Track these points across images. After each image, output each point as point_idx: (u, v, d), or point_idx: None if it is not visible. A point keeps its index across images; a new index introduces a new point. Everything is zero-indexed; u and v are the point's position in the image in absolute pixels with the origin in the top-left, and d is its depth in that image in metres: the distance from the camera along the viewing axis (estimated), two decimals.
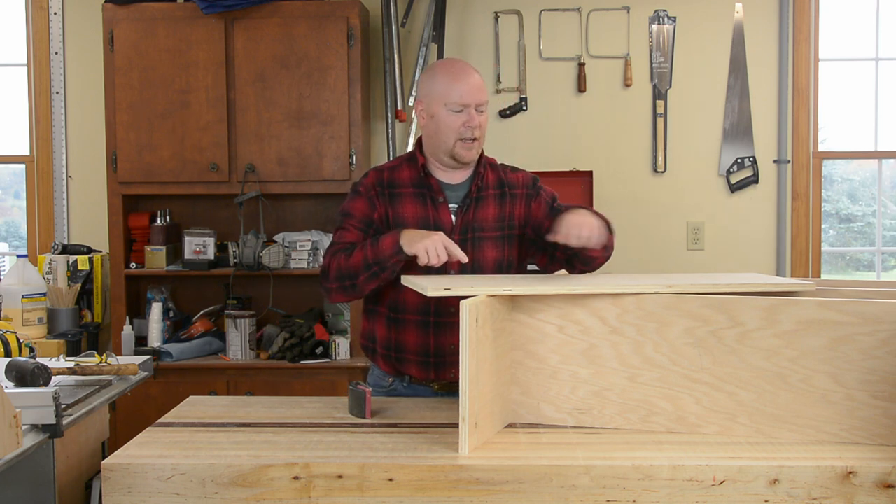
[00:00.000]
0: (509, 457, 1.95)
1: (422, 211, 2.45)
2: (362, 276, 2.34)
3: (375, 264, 2.31)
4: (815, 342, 2.00)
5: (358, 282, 2.36)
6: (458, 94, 2.40)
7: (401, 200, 2.46)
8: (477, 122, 2.41)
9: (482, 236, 2.46)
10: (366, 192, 2.49)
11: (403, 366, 2.50)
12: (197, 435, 2.13)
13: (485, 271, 2.45)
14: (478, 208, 2.47)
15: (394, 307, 2.46)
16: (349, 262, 2.36)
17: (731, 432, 2.07)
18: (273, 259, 3.94)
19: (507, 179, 2.52)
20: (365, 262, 2.32)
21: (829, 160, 4.38)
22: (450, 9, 4.24)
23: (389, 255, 2.29)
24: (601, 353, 2.13)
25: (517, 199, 2.51)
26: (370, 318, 2.55)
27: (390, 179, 2.50)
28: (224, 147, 3.92)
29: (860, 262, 4.62)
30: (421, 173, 2.48)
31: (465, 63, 2.51)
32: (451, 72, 2.45)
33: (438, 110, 2.42)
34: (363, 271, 2.33)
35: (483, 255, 2.45)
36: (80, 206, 4.40)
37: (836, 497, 1.87)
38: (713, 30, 4.25)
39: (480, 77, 2.46)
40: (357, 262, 2.34)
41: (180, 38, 3.91)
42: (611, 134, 4.27)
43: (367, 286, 2.37)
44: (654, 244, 4.24)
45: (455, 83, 2.41)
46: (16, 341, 2.81)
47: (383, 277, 2.34)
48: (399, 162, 2.56)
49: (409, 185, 2.48)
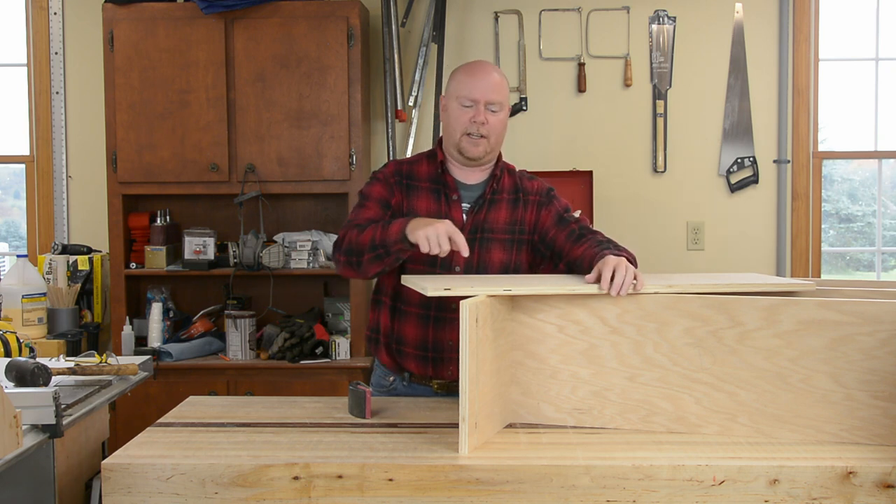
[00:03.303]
0: (509, 457, 1.95)
1: (435, 206, 2.47)
2: (367, 255, 2.31)
3: (381, 246, 2.28)
4: (815, 342, 2.00)
5: (363, 260, 2.32)
6: (469, 90, 2.43)
7: (416, 193, 2.49)
8: (483, 119, 2.42)
9: (491, 238, 2.47)
10: (385, 179, 2.51)
11: (403, 359, 2.51)
12: (197, 435, 2.13)
13: (490, 272, 2.46)
14: (490, 210, 2.49)
15: (396, 297, 2.48)
16: (359, 238, 2.33)
17: (731, 432, 2.07)
18: (273, 259, 3.94)
19: (522, 186, 2.55)
20: (372, 243, 2.30)
21: (829, 160, 4.38)
22: (450, 9, 4.24)
23: (394, 240, 2.25)
24: (601, 353, 2.13)
25: (530, 205, 2.53)
26: (376, 308, 2.56)
27: (409, 172, 2.52)
28: (224, 147, 3.92)
29: (860, 262, 4.62)
30: (438, 170, 2.51)
31: (489, 64, 2.54)
32: (470, 69, 2.49)
33: (450, 104, 2.47)
34: (368, 251, 2.30)
35: (490, 256, 2.46)
36: (80, 206, 4.40)
37: (836, 497, 1.87)
38: (713, 30, 4.25)
39: (501, 78, 2.47)
40: (365, 240, 2.31)
41: (180, 38, 3.91)
42: (611, 134, 4.27)
43: (372, 267, 2.33)
44: (654, 244, 4.24)
45: (468, 79, 2.45)
46: (16, 341, 2.81)
47: (387, 262, 2.31)
48: (420, 157, 2.58)
49: (425, 180, 2.50)
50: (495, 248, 2.47)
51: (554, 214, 2.52)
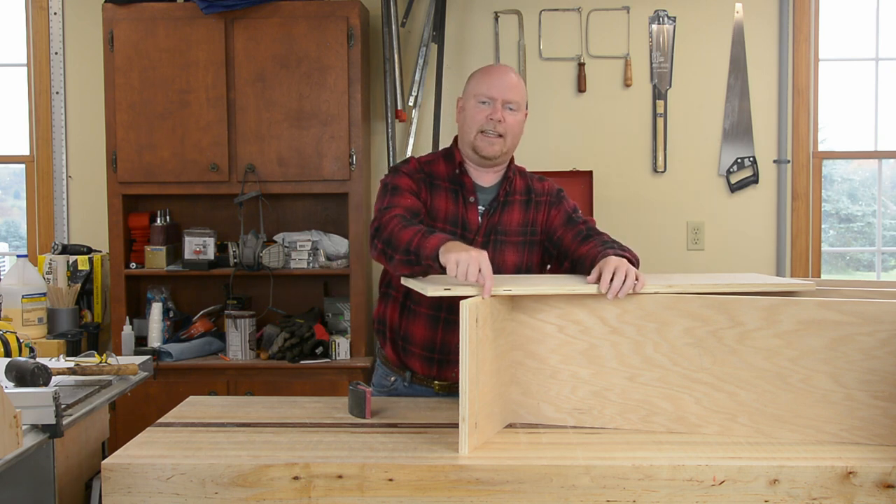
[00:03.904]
0: (509, 457, 1.95)
1: (453, 207, 2.47)
2: (399, 256, 2.22)
3: (414, 254, 2.18)
4: (815, 342, 2.00)
5: (395, 258, 2.24)
6: (486, 87, 2.44)
7: (437, 192, 2.49)
8: (500, 117, 2.42)
9: (505, 240, 2.48)
10: (410, 174, 2.48)
11: (408, 358, 2.52)
12: (197, 435, 2.13)
13: (504, 274, 2.45)
14: (503, 213, 2.50)
15: (407, 294, 2.46)
16: (400, 234, 2.23)
17: (731, 432, 2.07)
18: (273, 259, 3.94)
19: (533, 187, 2.56)
20: (408, 247, 2.20)
21: (829, 160, 4.38)
22: (450, 9, 4.24)
23: (428, 255, 2.16)
24: (601, 353, 2.13)
25: (541, 205, 2.54)
26: (384, 301, 2.56)
27: (429, 170, 2.52)
28: (224, 147, 3.92)
29: (860, 262, 4.62)
30: (456, 170, 2.51)
31: (508, 66, 2.55)
32: (488, 69, 2.51)
33: (468, 103, 2.48)
34: (402, 253, 2.21)
35: (504, 258, 2.47)
36: (80, 206, 4.40)
37: (836, 497, 1.87)
38: (713, 30, 4.25)
39: (519, 80, 2.48)
40: (404, 240, 2.21)
41: (180, 38, 3.91)
42: (611, 134, 4.27)
43: (401, 268, 2.25)
44: (654, 244, 4.24)
45: (485, 77, 2.47)
46: (16, 341, 2.81)
47: (416, 270, 2.23)
48: (436, 157, 2.57)
49: (445, 180, 2.50)
50: (509, 251, 2.48)
51: (563, 214, 2.53)
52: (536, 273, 2.53)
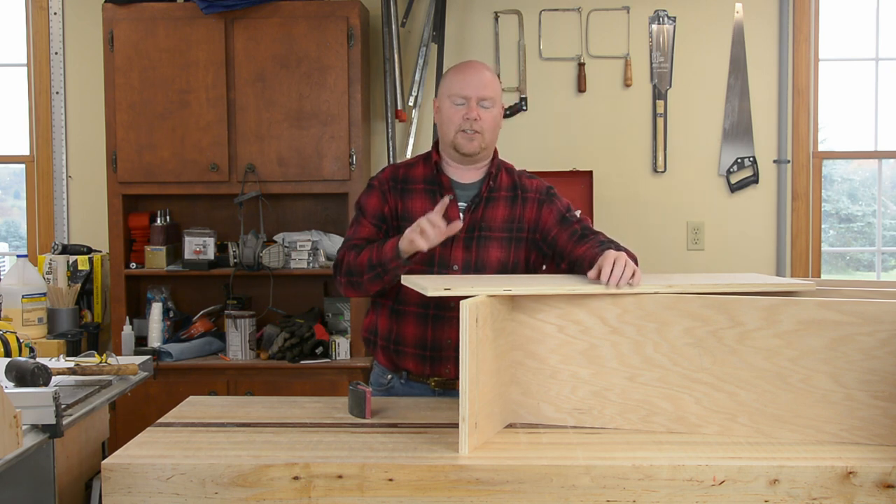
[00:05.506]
0: (509, 457, 1.95)
1: (431, 207, 2.47)
2: (366, 275, 2.40)
3: (378, 266, 2.37)
4: (815, 342, 2.00)
5: (363, 280, 2.42)
6: (460, 87, 2.46)
7: (411, 196, 2.51)
8: (476, 115, 2.44)
9: (488, 236, 2.48)
10: (379, 186, 2.55)
11: (401, 359, 2.52)
12: (197, 435, 2.13)
13: (488, 271, 2.46)
14: (487, 208, 2.50)
15: (396, 298, 2.50)
16: (357, 259, 2.42)
17: (731, 432, 2.07)
18: (273, 259, 3.94)
19: (521, 184, 2.56)
20: (370, 263, 2.39)
21: (829, 160, 4.38)
22: (450, 9, 4.24)
23: (390, 258, 2.33)
24: (601, 353, 2.13)
25: (529, 202, 2.53)
26: (375, 310, 2.58)
27: (405, 176, 2.55)
28: (224, 147, 3.92)
29: (860, 262, 4.62)
30: (434, 171, 2.52)
31: (479, 63, 2.56)
32: (459, 69, 2.53)
33: (444, 103, 2.50)
34: (367, 271, 2.39)
35: (487, 254, 2.47)
36: (80, 206, 4.40)
37: (836, 497, 1.87)
38: (713, 30, 4.25)
39: (492, 75, 2.50)
40: (363, 261, 2.40)
41: (180, 38, 3.91)
42: (611, 134, 4.27)
43: (372, 286, 2.42)
44: (654, 244, 4.24)
45: (459, 77, 2.49)
46: (16, 341, 2.81)
47: (386, 280, 2.39)
48: (417, 160, 2.61)
49: (420, 182, 2.53)
50: (493, 247, 2.48)
51: (556, 213, 2.52)
52: (522, 270, 2.53)
